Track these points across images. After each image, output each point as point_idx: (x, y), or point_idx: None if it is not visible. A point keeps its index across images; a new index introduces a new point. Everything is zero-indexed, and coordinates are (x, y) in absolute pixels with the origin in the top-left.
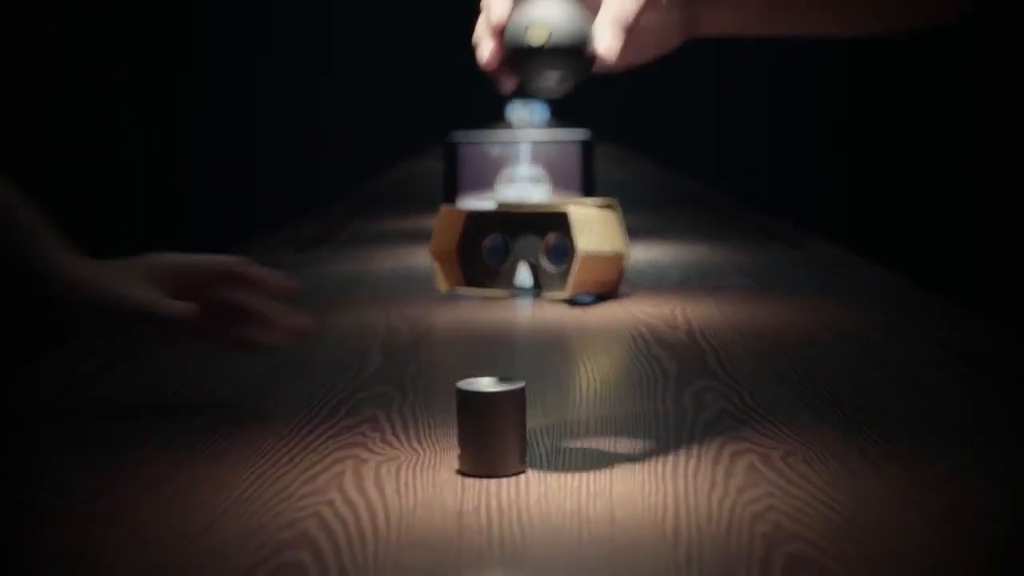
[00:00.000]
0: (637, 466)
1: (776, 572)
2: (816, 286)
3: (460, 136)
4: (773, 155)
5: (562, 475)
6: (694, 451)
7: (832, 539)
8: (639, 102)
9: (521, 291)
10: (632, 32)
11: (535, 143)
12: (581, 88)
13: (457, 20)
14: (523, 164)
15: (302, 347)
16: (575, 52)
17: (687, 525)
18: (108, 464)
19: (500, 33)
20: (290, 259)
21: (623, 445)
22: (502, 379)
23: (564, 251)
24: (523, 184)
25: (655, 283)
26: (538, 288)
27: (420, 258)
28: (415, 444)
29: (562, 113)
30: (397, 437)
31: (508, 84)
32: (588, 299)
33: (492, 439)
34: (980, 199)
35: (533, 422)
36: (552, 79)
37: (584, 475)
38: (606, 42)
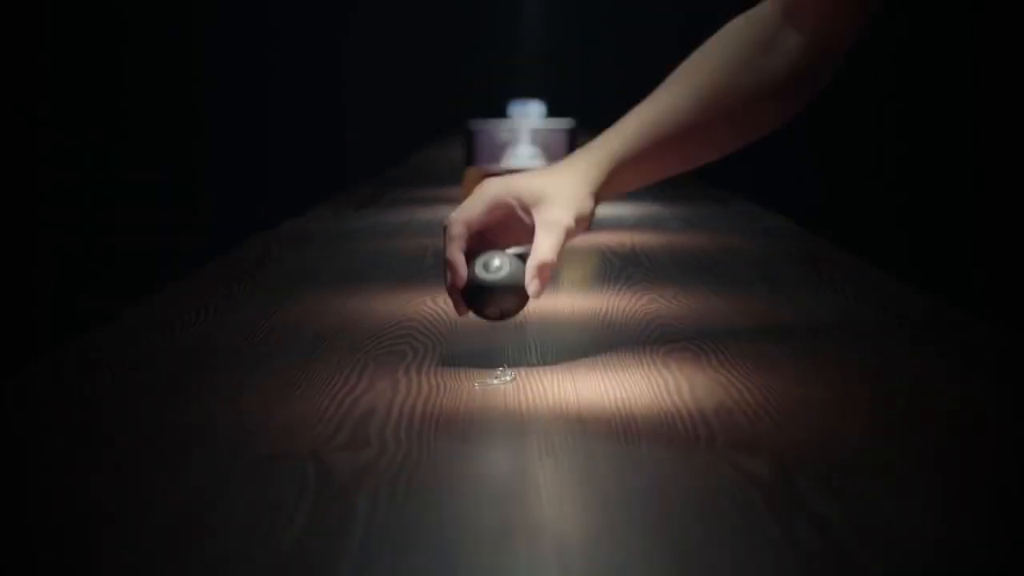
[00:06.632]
0: (589, 297)
1: (652, 328)
2: (732, 229)
3: (476, 124)
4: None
5: (546, 301)
6: (621, 292)
7: (686, 321)
8: (620, 100)
9: None
10: (559, 261)
11: (533, 130)
12: (572, 87)
13: (463, 26)
14: (523, 145)
15: (383, 253)
16: (514, 292)
17: (611, 314)
18: (288, 304)
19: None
20: (353, 214)
21: (583, 292)
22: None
23: None
24: (523, 161)
25: (616, 225)
26: None
27: (449, 212)
28: None
29: (555, 110)
30: None
31: (463, 310)
32: None
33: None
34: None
35: None
36: (496, 312)
37: (557, 301)
38: (533, 287)
